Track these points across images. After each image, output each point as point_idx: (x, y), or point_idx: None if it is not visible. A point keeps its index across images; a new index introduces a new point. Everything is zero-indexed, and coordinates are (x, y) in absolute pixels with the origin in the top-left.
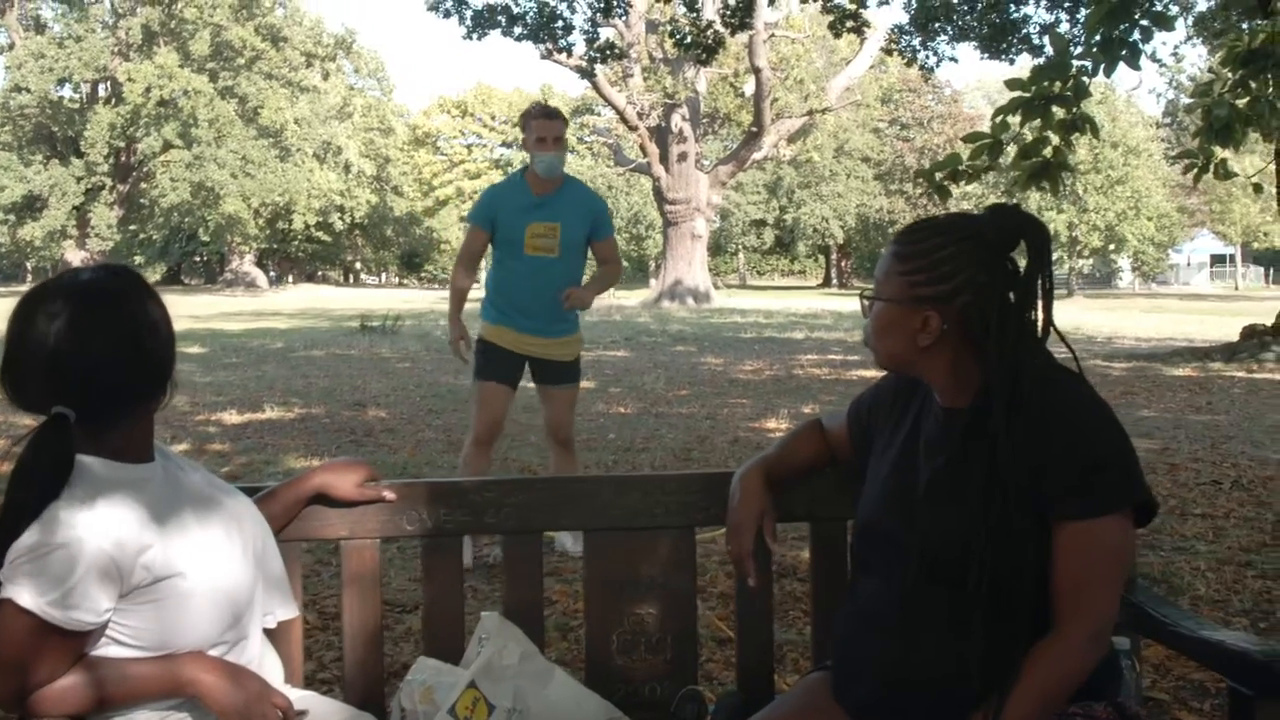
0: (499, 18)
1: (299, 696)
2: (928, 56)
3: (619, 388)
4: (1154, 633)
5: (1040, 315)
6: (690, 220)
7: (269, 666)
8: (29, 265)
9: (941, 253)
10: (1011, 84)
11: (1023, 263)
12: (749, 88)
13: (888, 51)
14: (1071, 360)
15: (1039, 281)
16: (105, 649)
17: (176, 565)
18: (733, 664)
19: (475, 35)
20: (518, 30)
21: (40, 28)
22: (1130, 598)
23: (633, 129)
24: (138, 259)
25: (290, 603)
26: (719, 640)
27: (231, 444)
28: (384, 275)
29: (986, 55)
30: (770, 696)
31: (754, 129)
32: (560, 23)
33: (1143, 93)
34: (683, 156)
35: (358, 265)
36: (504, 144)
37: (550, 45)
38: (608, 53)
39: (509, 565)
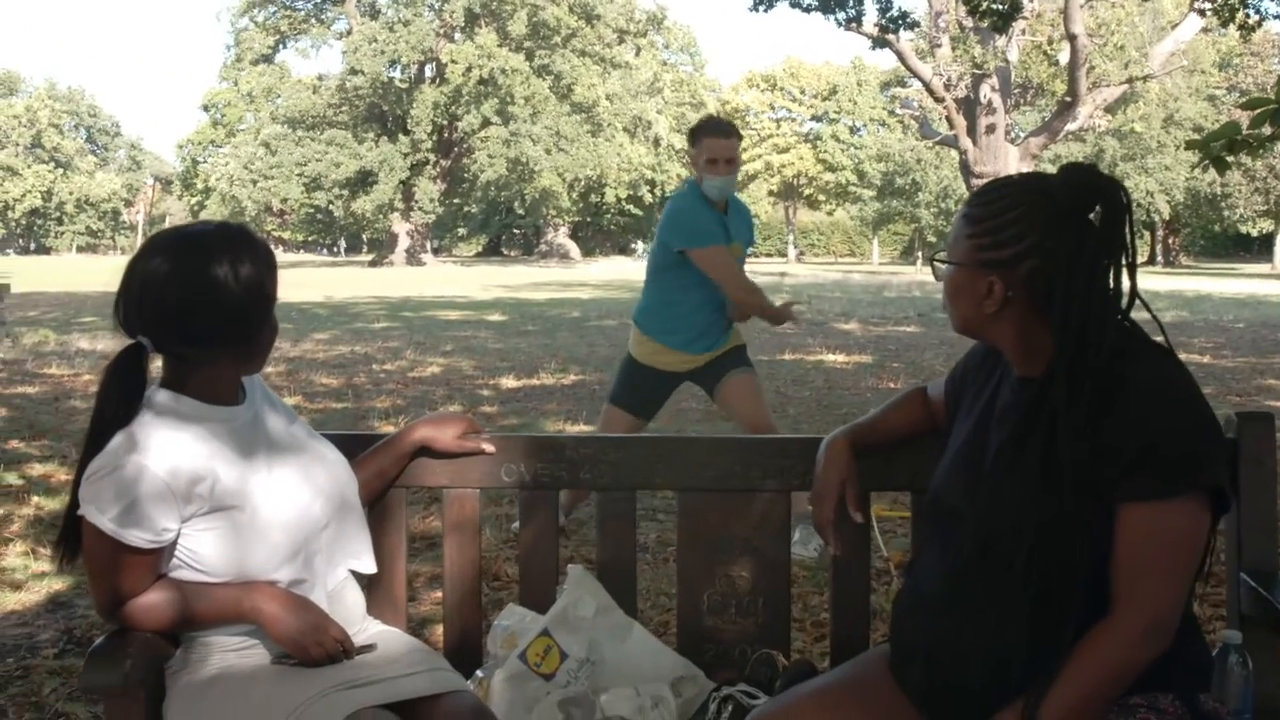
0: None
1: (377, 631)
2: (1248, 14)
3: (897, 363)
4: None
5: (1120, 284)
6: None
7: (348, 601)
8: (365, 237)
9: (1006, 215)
10: None
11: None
12: (1064, 56)
13: (1201, 12)
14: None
15: (1113, 247)
16: (177, 572)
17: (235, 498)
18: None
19: (763, 7)
20: (806, 1)
21: (374, 14)
22: (1267, 594)
23: (938, 100)
24: (460, 231)
25: (368, 557)
26: None
27: (501, 407)
28: None
29: None
30: None
31: (1068, 99)
32: None
33: None
34: (991, 128)
35: None
36: (814, 118)
37: (841, 15)
38: (899, 21)
39: (602, 522)
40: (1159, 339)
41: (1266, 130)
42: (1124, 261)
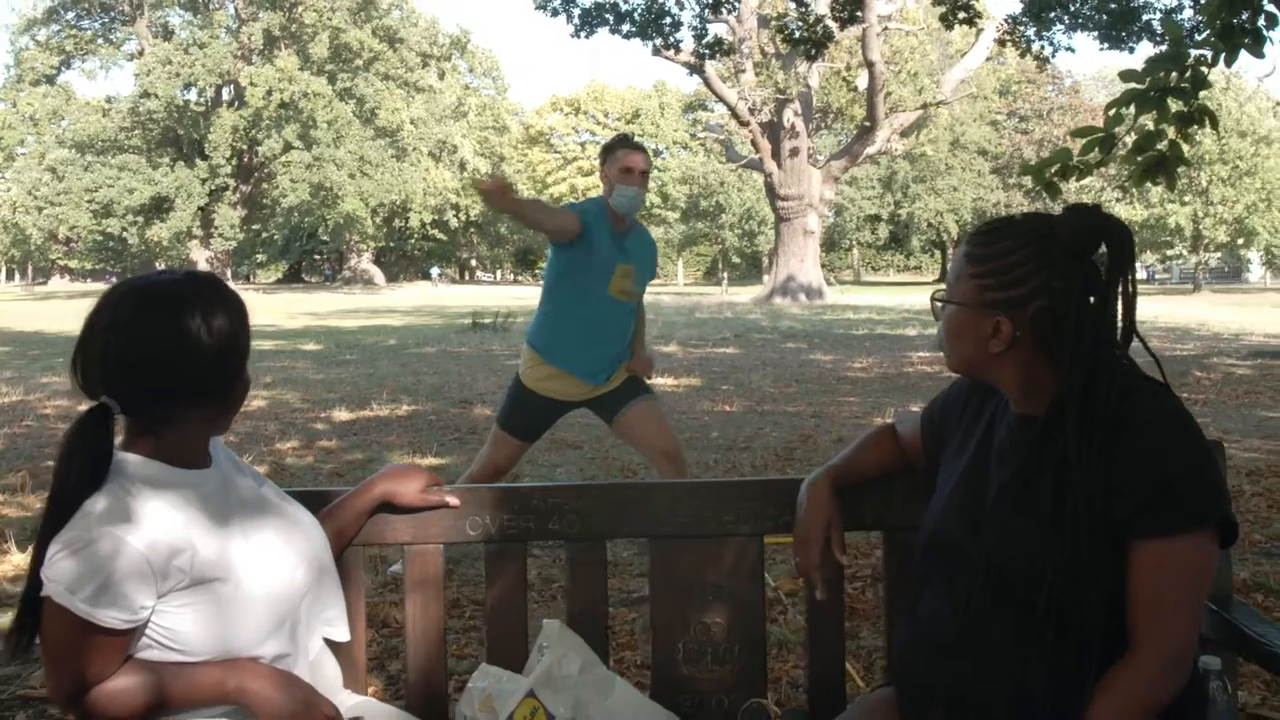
0: (607, 15)
1: (356, 703)
2: (1043, 46)
3: (727, 385)
4: (1250, 652)
5: (1122, 322)
6: (803, 216)
7: (327, 672)
8: (159, 265)
9: (1013, 256)
10: (1125, 75)
11: (1103, 266)
12: (862, 82)
13: (1001, 42)
14: (1158, 369)
15: (1119, 287)
16: (147, 652)
17: (216, 570)
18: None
19: (583, 33)
20: (626, 27)
21: (168, 35)
22: (1227, 615)
23: (744, 125)
24: (259, 257)
25: (342, 624)
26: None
27: (339, 440)
28: (499, 272)
29: (1106, 45)
30: (840, 708)
31: (867, 123)
32: (668, 19)
33: (1276, 79)
34: (795, 152)
35: (473, 262)
36: None
37: (659, 42)
38: (716, 48)
39: (572, 572)
40: (1153, 375)
41: (1095, 156)
42: (1126, 300)
